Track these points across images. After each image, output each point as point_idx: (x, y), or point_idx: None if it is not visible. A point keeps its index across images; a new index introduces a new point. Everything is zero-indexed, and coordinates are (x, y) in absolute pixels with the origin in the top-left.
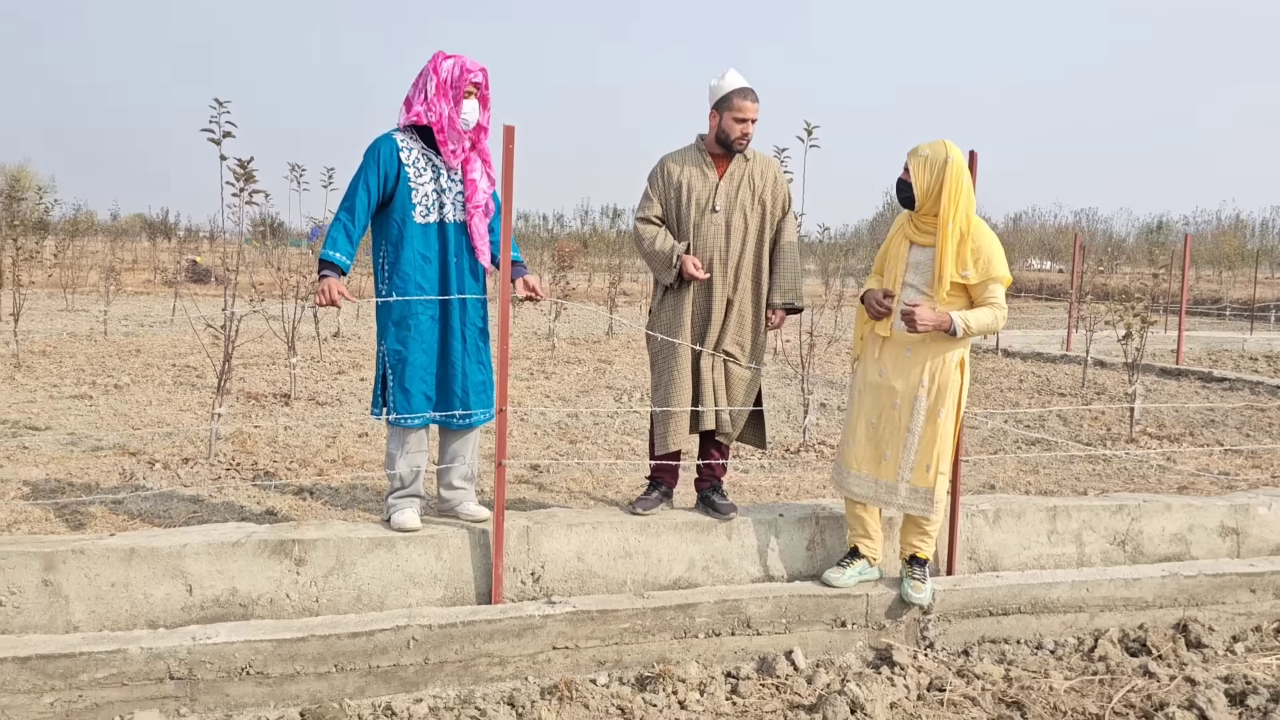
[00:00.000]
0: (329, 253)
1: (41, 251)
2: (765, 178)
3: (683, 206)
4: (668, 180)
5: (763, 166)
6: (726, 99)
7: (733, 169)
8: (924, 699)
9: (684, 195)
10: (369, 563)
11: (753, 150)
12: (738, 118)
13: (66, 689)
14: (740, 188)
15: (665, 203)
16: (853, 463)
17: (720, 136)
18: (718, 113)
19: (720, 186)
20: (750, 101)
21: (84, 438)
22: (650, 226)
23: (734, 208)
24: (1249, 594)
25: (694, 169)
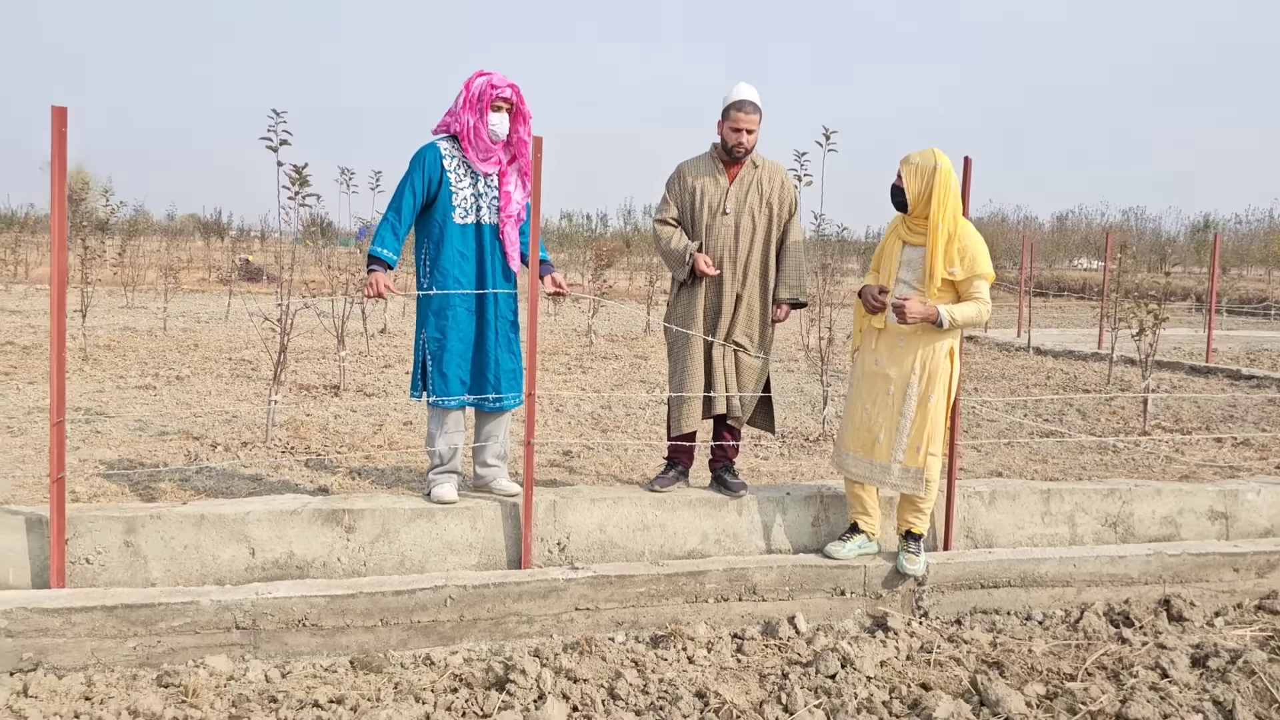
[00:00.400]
0: (377, 249)
1: (105, 251)
2: (773, 183)
3: (696, 209)
4: (683, 185)
5: (770, 172)
6: (727, 110)
7: (743, 175)
8: (912, 659)
9: (697, 199)
10: (411, 531)
11: (761, 157)
12: (734, 127)
13: (147, 635)
14: (749, 192)
15: (681, 205)
16: (850, 445)
17: (724, 145)
18: (721, 123)
19: (730, 191)
20: (745, 113)
21: (150, 423)
22: (667, 227)
23: (743, 210)
24: (1232, 573)
25: (707, 175)
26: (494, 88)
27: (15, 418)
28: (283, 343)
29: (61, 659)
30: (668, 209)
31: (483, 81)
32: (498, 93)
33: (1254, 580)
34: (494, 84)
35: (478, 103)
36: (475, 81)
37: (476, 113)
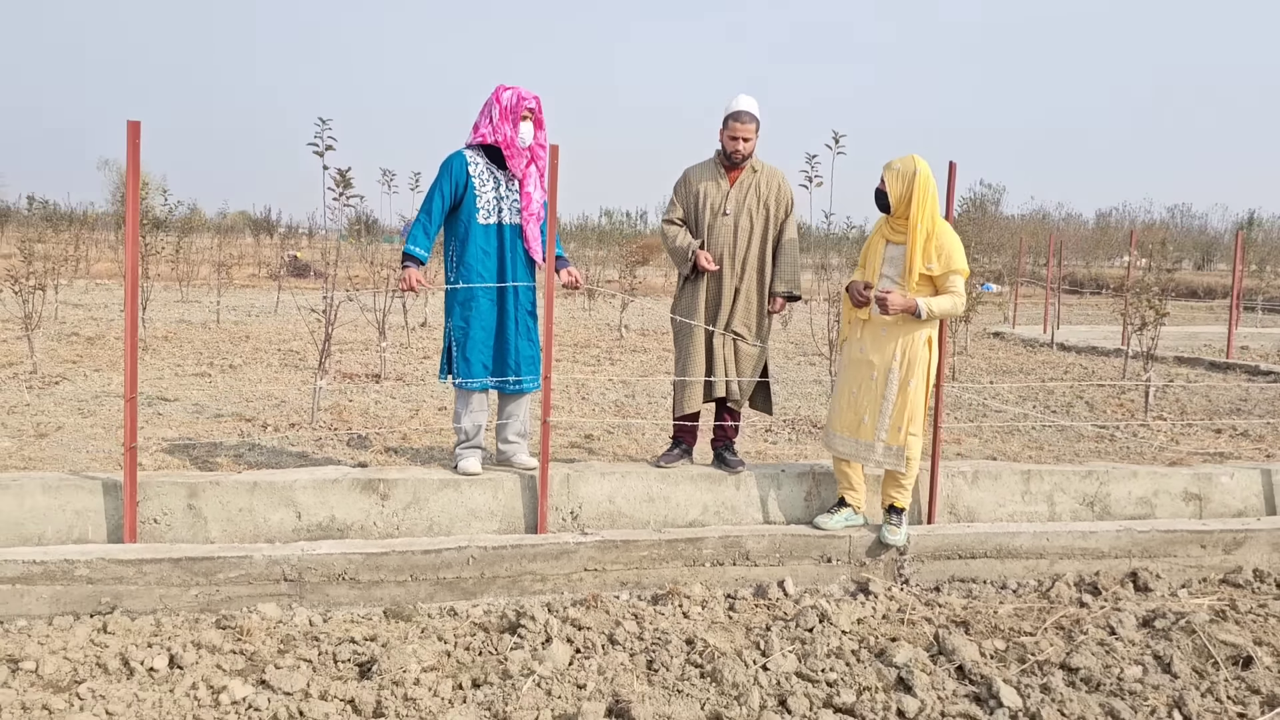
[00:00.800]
0: (410, 247)
1: (161, 248)
2: (770, 186)
3: (699, 210)
4: (688, 189)
5: (768, 177)
6: (726, 120)
7: (743, 178)
8: (888, 618)
9: (701, 200)
10: (439, 499)
11: (760, 162)
12: (732, 136)
13: (207, 584)
14: (748, 194)
15: (686, 207)
16: (838, 426)
17: (724, 151)
18: (722, 130)
19: (731, 193)
20: (742, 123)
21: (206, 407)
22: (673, 227)
23: (742, 211)
24: (1199, 549)
25: (710, 179)
26: (523, 99)
27: (85, 401)
28: (327, 333)
29: (134, 604)
30: (674, 210)
31: (511, 95)
32: (526, 104)
33: (1221, 556)
34: (522, 96)
35: (511, 114)
36: (504, 95)
37: (511, 123)
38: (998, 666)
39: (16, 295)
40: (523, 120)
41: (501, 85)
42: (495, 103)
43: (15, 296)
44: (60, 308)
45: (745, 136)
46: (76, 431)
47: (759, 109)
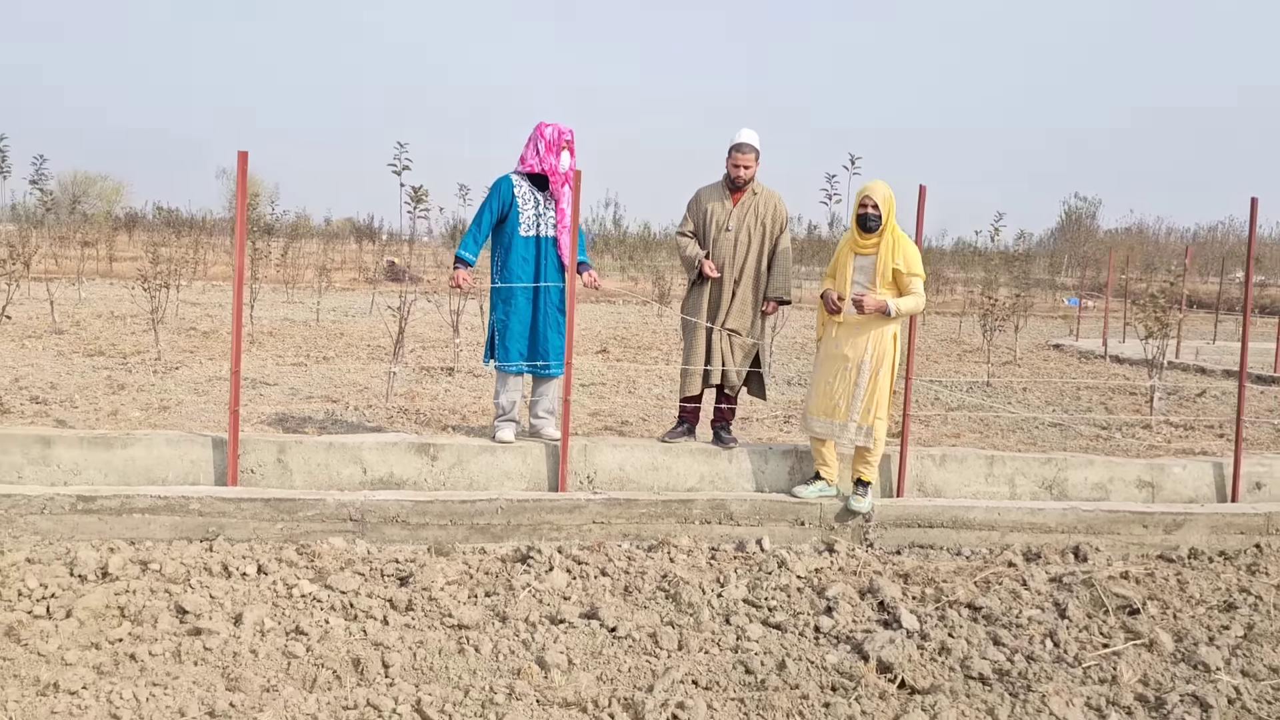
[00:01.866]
0: (461, 252)
1: (269, 253)
2: (767, 207)
3: (707, 225)
4: (699, 207)
5: (766, 199)
6: (731, 151)
7: (744, 200)
8: (842, 570)
9: (708, 217)
10: (478, 461)
11: (761, 186)
12: (735, 164)
13: (290, 520)
14: (748, 214)
15: (696, 221)
16: (816, 411)
17: (727, 176)
18: (728, 159)
19: (734, 212)
20: (743, 154)
21: (300, 390)
22: (684, 239)
23: (742, 228)
24: (1141, 528)
25: (717, 199)
26: (562, 134)
27: (199, 383)
28: (401, 327)
29: (233, 533)
30: (686, 224)
31: (553, 130)
32: (564, 138)
33: (1162, 535)
34: (561, 131)
35: (553, 147)
36: (547, 130)
37: (554, 154)
38: (913, 603)
39: (146, 292)
40: (562, 151)
41: (543, 122)
42: (540, 137)
43: (144, 293)
44: (180, 306)
45: (746, 165)
46: (192, 406)
47: (759, 140)
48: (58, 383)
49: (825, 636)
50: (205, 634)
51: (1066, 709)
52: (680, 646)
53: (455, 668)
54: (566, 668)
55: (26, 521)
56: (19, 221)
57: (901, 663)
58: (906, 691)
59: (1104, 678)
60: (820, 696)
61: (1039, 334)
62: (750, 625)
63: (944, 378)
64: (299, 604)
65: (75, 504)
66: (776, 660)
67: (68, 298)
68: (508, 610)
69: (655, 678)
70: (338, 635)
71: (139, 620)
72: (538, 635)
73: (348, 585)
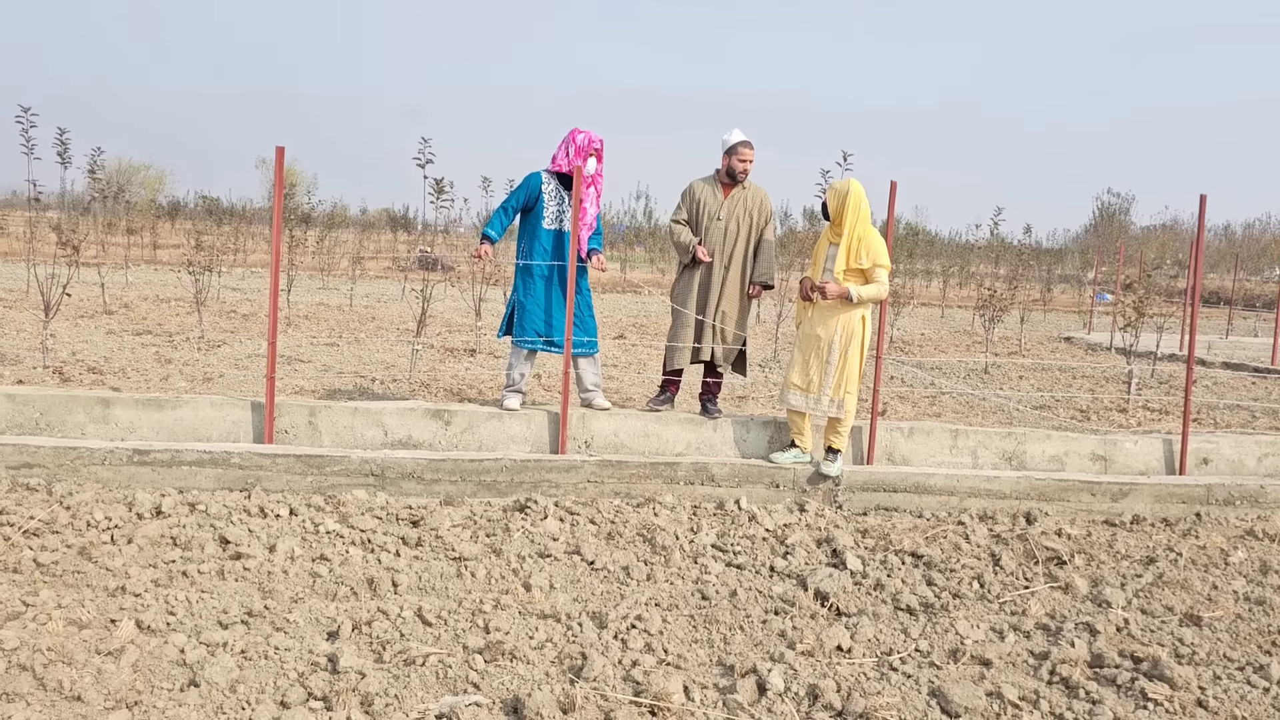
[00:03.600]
0: (487, 230)
1: (306, 240)
2: (755, 201)
3: (699, 214)
4: (693, 197)
5: (753, 193)
6: (733, 148)
7: (735, 193)
8: (808, 526)
9: (701, 207)
10: (487, 427)
11: (749, 181)
12: (740, 159)
13: (318, 474)
14: (738, 206)
15: (690, 211)
16: (793, 385)
17: (729, 171)
18: (727, 157)
19: (725, 204)
20: (748, 149)
21: (331, 367)
22: (678, 226)
23: (732, 218)
24: (1090, 495)
25: (709, 191)
26: (592, 142)
27: (240, 359)
28: (424, 307)
29: (269, 484)
30: (680, 213)
31: (584, 137)
32: (594, 145)
33: (1109, 503)
34: (592, 139)
35: (582, 152)
36: (579, 137)
37: (582, 158)
38: (862, 551)
39: (191, 275)
40: (590, 156)
41: (577, 129)
42: (571, 142)
43: (190, 276)
44: (221, 291)
45: (750, 159)
46: (233, 378)
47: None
48: (110, 357)
49: (777, 574)
50: (244, 558)
51: (971, 630)
52: (649, 578)
53: (454, 588)
54: (547, 590)
55: (89, 471)
56: (67, 209)
57: (836, 592)
58: (835, 614)
59: (1015, 610)
60: (761, 616)
61: (1055, 327)
62: (714, 564)
63: (945, 365)
64: (324, 538)
65: (131, 456)
66: (730, 589)
67: (115, 281)
68: (503, 547)
69: (622, 599)
70: (356, 561)
71: (188, 547)
72: (526, 565)
73: (366, 525)
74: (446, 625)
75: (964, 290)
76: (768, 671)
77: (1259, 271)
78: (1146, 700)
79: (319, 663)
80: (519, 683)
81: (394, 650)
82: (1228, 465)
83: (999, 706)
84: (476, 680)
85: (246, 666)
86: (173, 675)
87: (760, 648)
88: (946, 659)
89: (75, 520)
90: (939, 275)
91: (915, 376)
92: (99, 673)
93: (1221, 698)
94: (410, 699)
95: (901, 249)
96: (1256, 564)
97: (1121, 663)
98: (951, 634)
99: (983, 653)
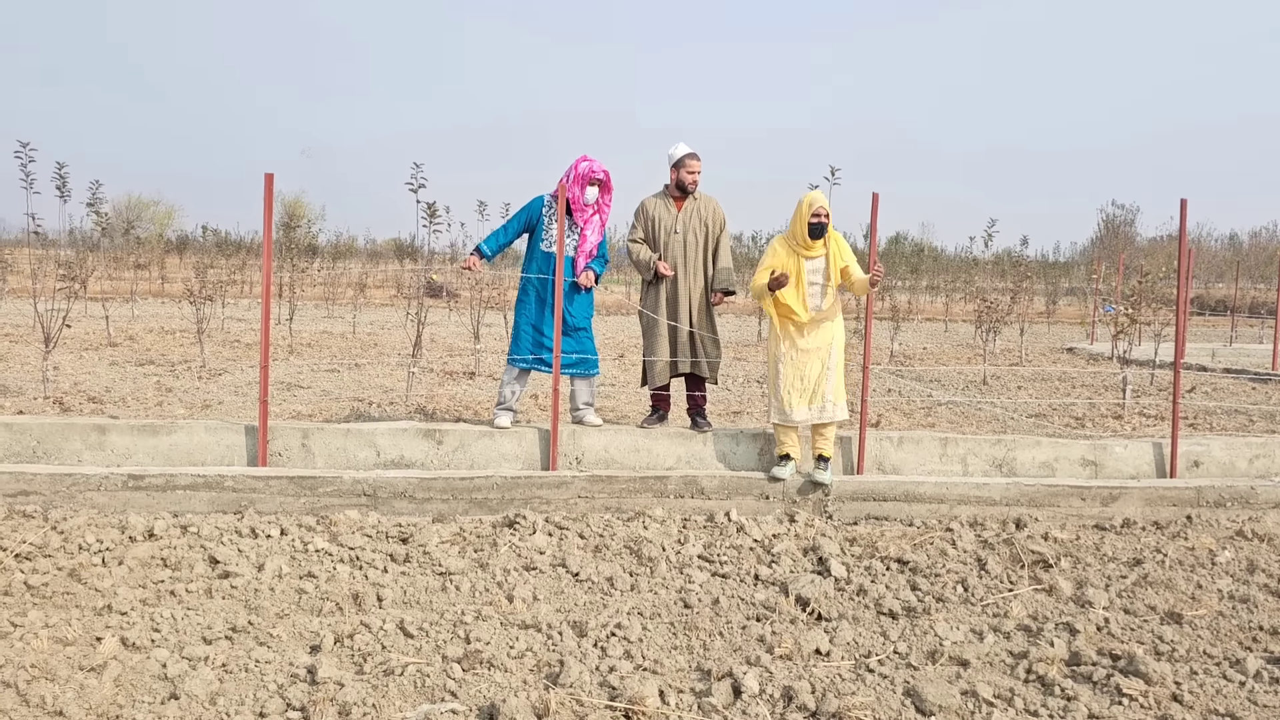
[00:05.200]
0: (481, 245)
1: (310, 270)
2: (707, 210)
3: (655, 230)
4: (646, 214)
5: (705, 203)
6: (680, 161)
7: (687, 205)
8: (798, 536)
9: (656, 223)
10: (478, 445)
11: (700, 192)
12: (689, 171)
13: (311, 495)
14: (692, 217)
15: (645, 228)
16: (794, 401)
17: (679, 184)
18: (675, 170)
19: (679, 217)
20: (696, 160)
21: (331, 392)
22: (636, 245)
23: (688, 230)
24: (1079, 500)
25: (662, 206)
26: (593, 172)
27: (240, 386)
28: (419, 329)
29: (262, 506)
30: (636, 232)
31: (587, 166)
32: (595, 175)
33: (1099, 508)
34: (593, 169)
35: (582, 180)
36: (581, 165)
37: (580, 186)
38: (848, 558)
39: (192, 305)
40: (590, 186)
41: (582, 157)
42: (573, 170)
43: (191, 307)
44: (226, 321)
45: (698, 171)
46: (232, 405)
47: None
48: (112, 387)
49: (761, 582)
50: (232, 577)
51: (951, 631)
52: (633, 588)
53: (438, 601)
54: (530, 601)
55: (85, 497)
56: (76, 246)
57: (817, 598)
58: (815, 618)
59: (997, 613)
60: (741, 622)
61: (1060, 339)
62: (698, 574)
63: (944, 376)
64: (312, 556)
65: (127, 481)
66: (713, 598)
67: (121, 315)
68: (490, 561)
69: (604, 609)
70: (343, 578)
71: (178, 567)
72: (510, 578)
73: (355, 543)
74: (428, 637)
75: (969, 305)
76: (744, 674)
77: (1266, 279)
78: (1121, 696)
79: (299, 674)
80: (496, 690)
81: (374, 662)
82: (1219, 468)
83: (973, 705)
84: (454, 689)
85: (227, 679)
86: (154, 689)
87: (739, 652)
88: (925, 660)
89: (67, 543)
90: (942, 290)
91: (912, 389)
92: (81, 688)
93: (1197, 692)
94: (388, 708)
95: (906, 265)
96: (1244, 563)
97: (1099, 660)
98: (931, 636)
99: (961, 653)
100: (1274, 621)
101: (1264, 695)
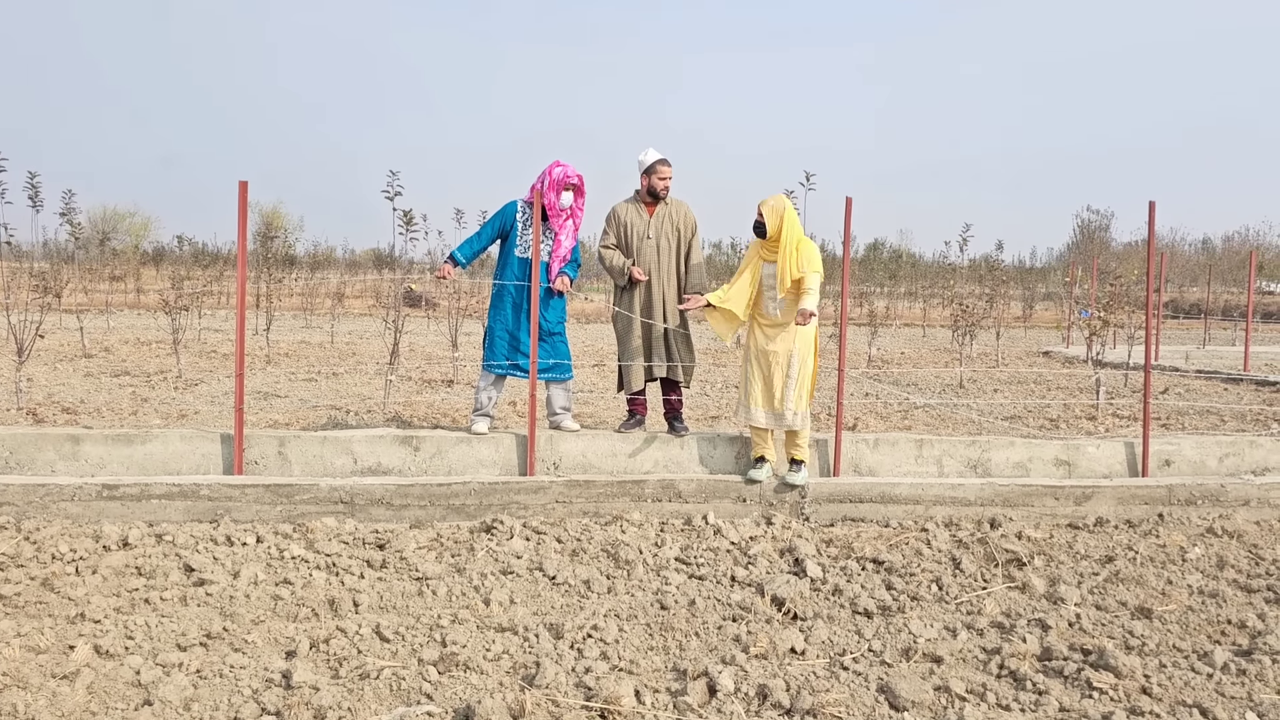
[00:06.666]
0: (454, 252)
1: (287, 280)
2: (678, 215)
3: (628, 236)
4: (618, 220)
5: (676, 207)
6: (651, 167)
7: (659, 210)
8: (774, 539)
9: (629, 229)
10: (455, 452)
11: (671, 197)
12: (659, 177)
13: (288, 503)
14: (664, 222)
15: (618, 235)
16: (756, 404)
17: (650, 190)
18: (646, 176)
19: (651, 222)
20: (666, 166)
21: (308, 401)
22: (609, 250)
23: (660, 235)
24: (1053, 500)
25: (634, 212)
26: (567, 177)
27: (216, 396)
28: (396, 339)
29: (239, 514)
30: (608, 238)
31: (561, 171)
32: (569, 180)
33: (1072, 507)
34: (568, 174)
35: (556, 185)
36: (555, 170)
37: (555, 193)
38: (824, 559)
39: (167, 315)
40: (565, 190)
41: (556, 162)
42: (548, 175)
43: (166, 317)
44: (203, 331)
45: (669, 177)
46: (208, 415)
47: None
48: (86, 398)
49: (738, 583)
50: (207, 584)
51: (924, 629)
52: (609, 591)
53: (414, 606)
54: (507, 604)
55: (59, 507)
56: (51, 258)
57: (793, 598)
58: (791, 618)
59: (970, 610)
60: (717, 622)
61: (1036, 343)
62: (675, 576)
63: (921, 380)
64: (289, 563)
65: (101, 491)
66: (689, 599)
67: (97, 327)
68: (467, 566)
69: (581, 611)
70: (319, 584)
71: (152, 576)
72: (487, 582)
73: (332, 549)
74: (404, 641)
75: (946, 310)
76: (719, 673)
77: (1238, 283)
78: (1092, 689)
79: (274, 679)
80: (472, 692)
81: (350, 666)
82: (1190, 466)
83: (946, 700)
84: (430, 691)
85: (201, 685)
86: (127, 696)
87: (715, 652)
88: (899, 657)
89: (40, 553)
90: (920, 296)
91: (889, 392)
92: (54, 695)
93: (1166, 685)
94: (364, 711)
95: (884, 271)
96: (1214, 559)
97: (1070, 655)
98: (905, 634)
99: (934, 650)
100: (1242, 615)
101: (1231, 687)
